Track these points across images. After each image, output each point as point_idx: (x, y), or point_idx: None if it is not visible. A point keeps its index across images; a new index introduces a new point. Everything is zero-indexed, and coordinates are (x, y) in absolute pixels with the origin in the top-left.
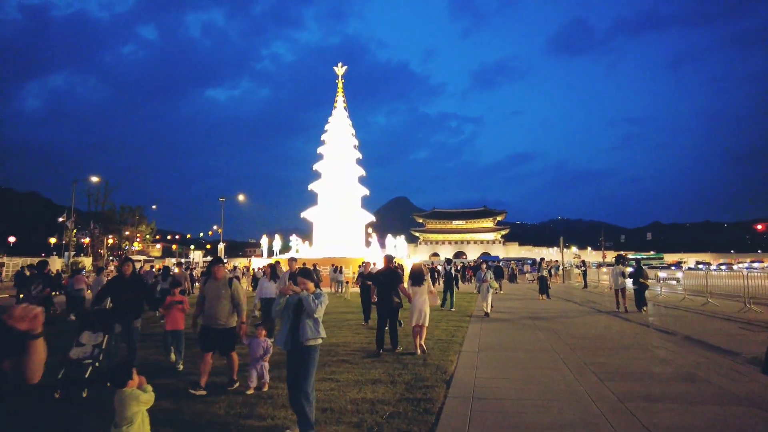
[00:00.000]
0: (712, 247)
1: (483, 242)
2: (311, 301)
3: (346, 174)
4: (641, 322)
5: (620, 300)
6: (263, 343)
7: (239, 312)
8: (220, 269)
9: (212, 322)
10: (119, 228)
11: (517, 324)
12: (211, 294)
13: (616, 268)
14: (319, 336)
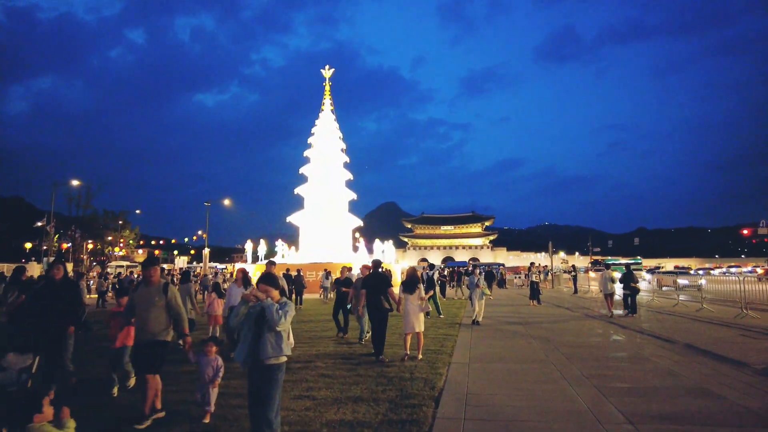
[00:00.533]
0: (697, 252)
1: (471, 247)
2: (274, 311)
3: (333, 178)
4: (637, 329)
5: (608, 304)
6: (213, 362)
7: (179, 323)
8: (154, 272)
9: (143, 335)
10: (101, 233)
11: (509, 332)
12: (143, 302)
13: (605, 273)
14: (283, 354)
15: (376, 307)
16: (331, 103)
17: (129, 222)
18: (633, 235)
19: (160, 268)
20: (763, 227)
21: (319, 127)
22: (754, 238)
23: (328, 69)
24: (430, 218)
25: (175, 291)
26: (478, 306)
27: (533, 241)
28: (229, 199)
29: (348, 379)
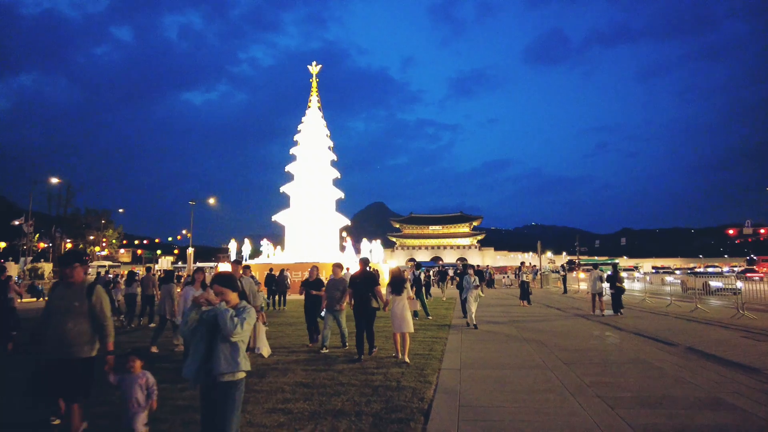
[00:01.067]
0: (681, 252)
1: (459, 247)
2: (228, 318)
3: (320, 176)
4: (634, 330)
5: (597, 303)
6: (140, 380)
7: (103, 336)
8: (74, 269)
9: (59, 350)
10: (83, 232)
11: (501, 334)
12: (58, 307)
13: (594, 273)
14: (239, 369)
15: (363, 305)
16: (318, 100)
17: (112, 221)
18: (618, 235)
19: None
20: (748, 227)
21: (305, 125)
22: (739, 237)
23: (315, 65)
24: (419, 218)
25: (102, 294)
26: (474, 309)
27: (520, 242)
28: (215, 198)
29: (329, 389)
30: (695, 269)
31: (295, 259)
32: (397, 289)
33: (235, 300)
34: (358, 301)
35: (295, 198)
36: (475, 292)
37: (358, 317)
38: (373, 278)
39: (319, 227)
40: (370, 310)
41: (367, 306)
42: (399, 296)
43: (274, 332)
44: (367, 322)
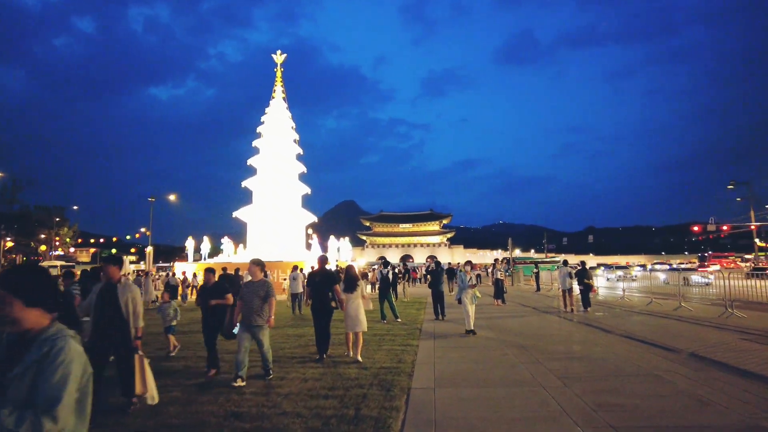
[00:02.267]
0: (644, 249)
1: (429, 245)
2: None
3: (285, 170)
4: (624, 333)
5: (567, 300)
6: None
7: None
8: None
9: None
10: (34, 230)
11: (480, 339)
12: None
13: (564, 270)
14: None
15: (322, 304)
16: (282, 90)
17: (66, 219)
18: (584, 233)
19: None
20: (711, 224)
21: (269, 116)
22: (703, 234)
23: (280, 54)
24: (389, 216)
25: None
26: (472, 312)
27: (488, 239)
28: (176, 195)
29: (271, 420)
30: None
31: (257, 257)
32: (350, 287)
33: (37, 321)
34: (316, 299)
35: (257, 193)
36: (471, 291)
37: (317, 316)
38: (331, 276)
39: (283, 224)
40: (328, 308)
41: (326, 305)
42: (352, 294)
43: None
44: (324, 323)
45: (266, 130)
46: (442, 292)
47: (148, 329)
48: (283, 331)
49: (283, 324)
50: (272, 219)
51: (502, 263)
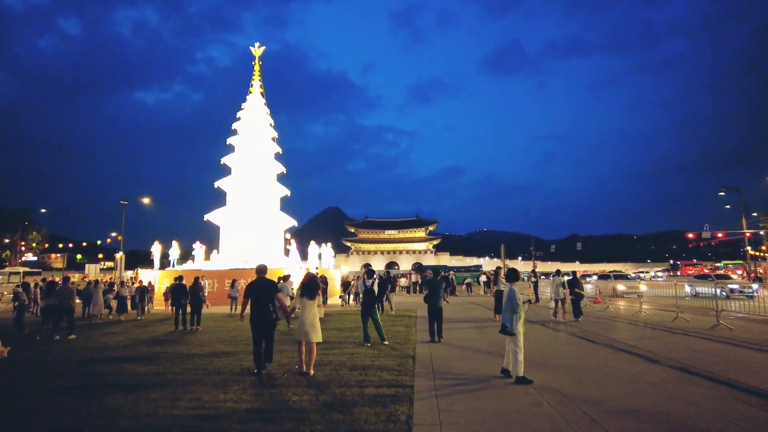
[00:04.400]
0: (627, 257)
1: (415, 252)
2: None
3: (262, 170)
4: (679, 365)
5: (559, 309)
6: None
7: None
8: None
9: None
10: (1, 234)
11: (493, 375)
12: None
13: (556, 279)
14: None
15: (261, 315)
16: (260, 85)
17: (35, 221)
18: (568, 241)
19: None
20: (706, 231)
21: (246, 111)
22: (697, 241)
23: (258, 47)
24: (374, 222)
25: None
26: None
27: (472, 246)
28: (150, 199)
29: None
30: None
31: (229, 264)
32: (309, 293)
33: None
34: (255, 310)
35: (232, 194)
36: (523, 315)
37: (256, 327)
38: (272, 286)
39: (260, 227)
40: (269, 320)
41: (266, 315)
42: (310, 301)
43: (170, 370)
44: (266, 333)
45: (242, 126)
46: (441, 308)
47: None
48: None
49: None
50: (248, 221)
51: (494, 272)
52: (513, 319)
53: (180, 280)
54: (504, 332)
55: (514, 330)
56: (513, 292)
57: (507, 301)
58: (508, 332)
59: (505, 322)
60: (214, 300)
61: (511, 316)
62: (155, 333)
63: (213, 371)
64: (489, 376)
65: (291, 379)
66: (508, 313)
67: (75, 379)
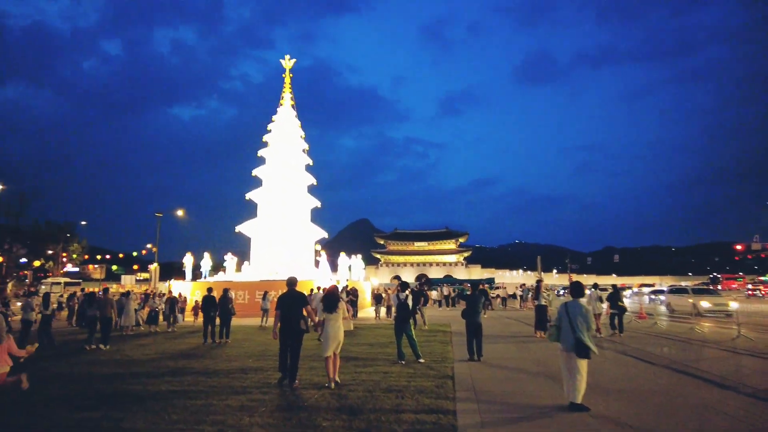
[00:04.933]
0: (665, 270)
1: (446, 264)
2: None
3: (293, 181)
4: (718, 380)
5: (597, 323)
6: None
7: None
8: None
9: None
10: (45, 246)
11: (543, 399)
12: None
13: (593, 293)
14: None
15: (290, 328)
16: (291, 97)
17: (76, 234)
18: (603, 253)
19: None
20: (756, 242)
21: (276, 123)
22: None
23: (289, 59)
24: (403, 234)
25: None
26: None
27: (504, 259)
28: (184, 211)
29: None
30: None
31: (261, 275)
32: (330, 306)
33: None
34: (284, 322)
35: (263, 205)
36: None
37: (283, 339)
38: (301, 298)
39: (291, 239)
40: (297, 332)
41: (294, 327)
42: (332, 314)
43: (186, 389)
44: (292, 344)
45: (273, 138)
46: (480, 324)
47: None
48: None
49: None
50: (279, 232)
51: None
52: (589, 337)
53: (210, 292)
54: (583, 355)
55: (594, 349)
56: (582, 308)
57: (578, 318)
58: (587, 355)
59: (585, 342)
60: (245, 311)
61: (587, 335)
62: (183, 346)
63: (239, 389)
64: (539, 400)
65: (321, 401)
66: (585, 333)
67: (94, 395)
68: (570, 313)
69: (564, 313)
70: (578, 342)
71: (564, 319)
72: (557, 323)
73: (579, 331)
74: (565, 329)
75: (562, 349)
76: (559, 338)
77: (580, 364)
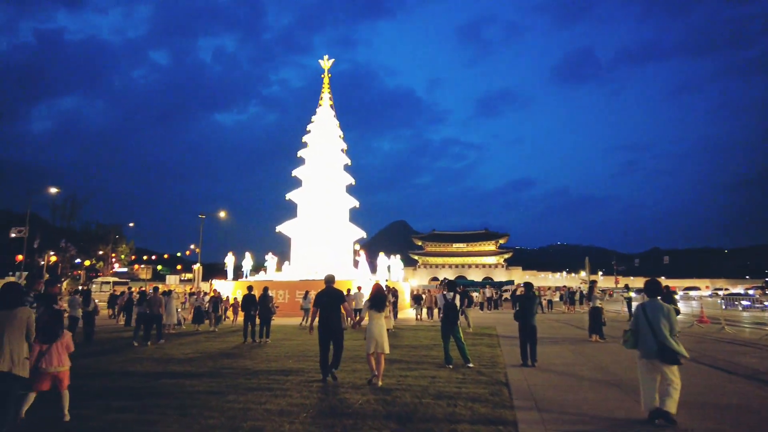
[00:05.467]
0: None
1: (485, 266)
2: None
3: (332, 181)
4: None
5: None
6: None
7: None
8: None
9: None
10: (97, 247)
11: (612, 409)
12: None
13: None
14: None
15: (329, 325)
16: (330, 97)
17: (124, 236)
18: (648, 255)
19: None
20: None
21: (316, 124)
22: None
23: (327, 60)
24: (441, 235)
25: None
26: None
27: (545, 261)
28: (226, 212)
29: None
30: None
31: (301, 275)
32: (378, 305)
33: None
34: (323, 320)
35: (302, 206)
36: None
37: (324, 336)
38: (339, 295)
39: (329, 239)
40: (336, 328)
41: (333, 324)
42: (378, 314)
43: (223, 387)
44: (334, 339)
45: (312, 139)
46: (534, 327)
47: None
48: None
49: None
50: (319, 232)
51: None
52: (676, 341)
53: (250, 291)
54: (672, 361)
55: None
56: (663, 308)
57: (660, 320)
58: (676, 360)
59: (672, 346)
60: (285, 311)
61: (673, 338)
62: (224, 345)
63: (278, 392)
64: (609, 411)
65: (367, 407)
66: (670, 336)
67: (130, 395)
68: (649, 314)
69: (642, 315)
70: (663, 347)
71: (642, 322)
72: (633, 327)
73: (663, 334)
74: (644, 333)
75: (642, 355)
76: (637, 344)
77: (670, 370)
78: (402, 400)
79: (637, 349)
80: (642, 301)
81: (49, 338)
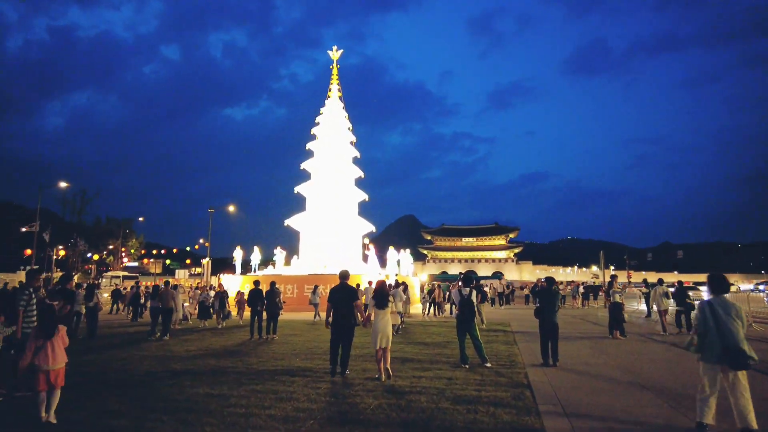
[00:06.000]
0: (733, 267)
1: (495, 260)
2: None
3: (341, 174)
4: None
5: (663, 321)
6: None
7: None
8: None
9: None
10: (106, 241)
11: (646, 416)
12: None
13: (659, 289)
14: None
15: (341, 321)
16: (338, 89)
17: (134, 231)
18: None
19: None
20: None
21: (325, 116)
22: None
23: (336, 50)
24: (451, 229)
25: None
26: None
27: (556, 255)
28: (235, 206)
29: None
30: None
31: (310, 269)
32: (381, 302)
33: None
34: (336, 315)
35: (311, 199)
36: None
37: (336, 332)
38: (352, 292)
39: (338, 231)
40: (348, 325)
41: (345, 321)
42: (382, 310)
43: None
44: (344, 338)
45: (321, 130)
46: (556, 325)
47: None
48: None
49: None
50: (328, 225)
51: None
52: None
53: (257, 285)
54: (742, 365)
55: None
56: (734, 307)
57: (731, 320)
58: (747, 365)
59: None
60: (294, 306)
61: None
62: (229, 342)
63: (284, 395)
64: (648, 418)
65: (379, 413)
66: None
67: (126, 397)
68: (720, 314)
69: (709, 315)
70: (734, 350)
71: (710, 323)
72: (702, 329)
73: (737, 337)
74: (712, 335)
75: (705, 359)
76: (703, 347)
77: (741, 377)
78: (417, 404)
79: (698, 352)
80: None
81: (45, 334)
